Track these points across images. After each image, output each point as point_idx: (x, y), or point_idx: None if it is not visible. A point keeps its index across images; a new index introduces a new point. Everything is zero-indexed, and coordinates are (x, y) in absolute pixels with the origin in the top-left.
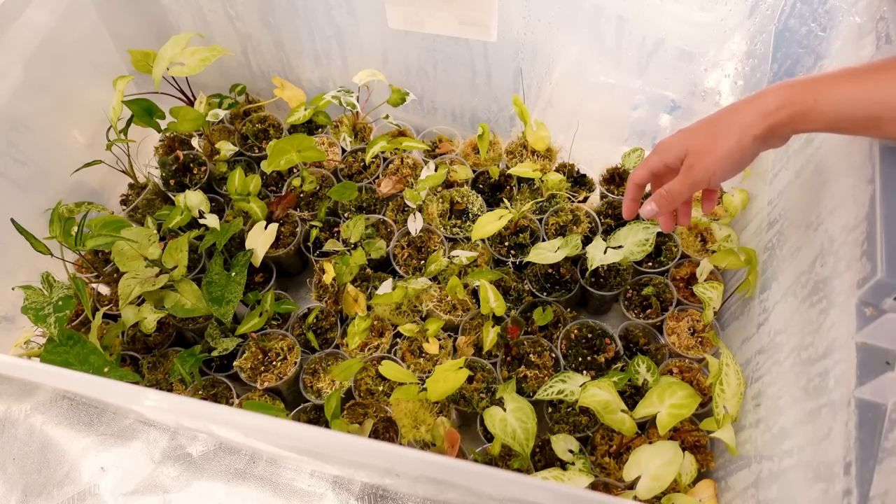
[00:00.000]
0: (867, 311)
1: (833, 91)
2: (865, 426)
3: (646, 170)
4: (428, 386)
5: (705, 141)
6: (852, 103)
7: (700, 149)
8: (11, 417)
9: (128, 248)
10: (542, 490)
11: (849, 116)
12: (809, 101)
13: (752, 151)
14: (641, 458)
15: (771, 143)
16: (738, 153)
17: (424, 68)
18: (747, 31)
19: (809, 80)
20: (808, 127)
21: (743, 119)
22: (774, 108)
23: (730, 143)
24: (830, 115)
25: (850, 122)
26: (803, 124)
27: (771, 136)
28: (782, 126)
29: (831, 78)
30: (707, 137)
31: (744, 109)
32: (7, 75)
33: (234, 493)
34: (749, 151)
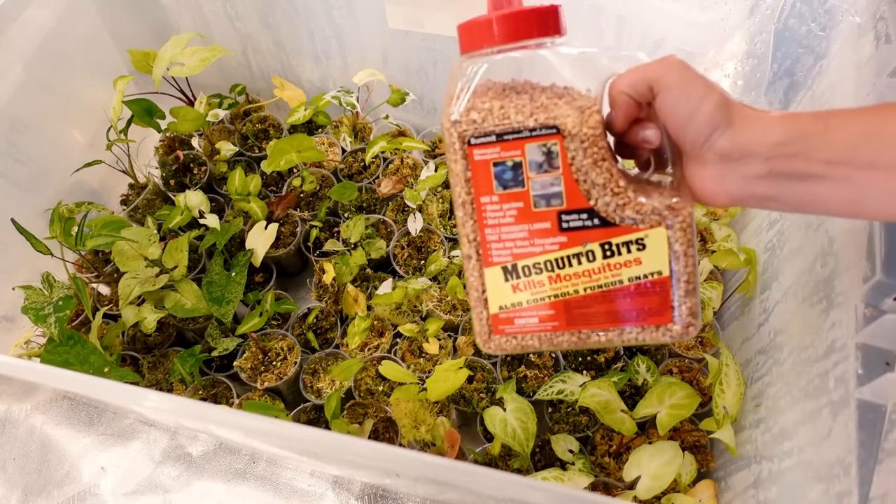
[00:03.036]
0: (867, 312)
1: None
2: (865, 427)
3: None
4: (428, 386)
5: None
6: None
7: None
8: (12, 417)
9: (128, 248)
10: (541, 491)
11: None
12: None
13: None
14: (641, 458)
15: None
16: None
17: (424, 68)
18: (747, 31)
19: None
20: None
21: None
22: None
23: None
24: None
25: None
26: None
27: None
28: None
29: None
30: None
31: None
32: (7, 75)
33: (234, 493)
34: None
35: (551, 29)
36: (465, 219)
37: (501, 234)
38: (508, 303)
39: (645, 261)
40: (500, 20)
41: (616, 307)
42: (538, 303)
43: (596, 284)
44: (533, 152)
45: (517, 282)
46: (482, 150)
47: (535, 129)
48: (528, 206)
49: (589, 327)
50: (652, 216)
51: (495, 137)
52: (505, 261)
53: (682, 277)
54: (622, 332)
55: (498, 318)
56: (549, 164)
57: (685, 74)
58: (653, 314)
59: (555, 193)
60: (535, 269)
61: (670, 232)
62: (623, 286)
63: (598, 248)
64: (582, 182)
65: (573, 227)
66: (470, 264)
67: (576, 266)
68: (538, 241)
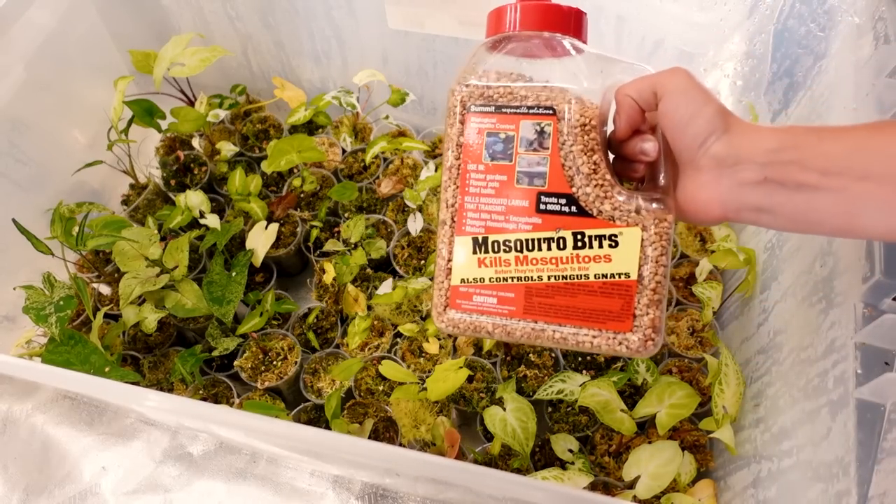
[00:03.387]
0: (866, 312)
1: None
2: (864, 426)
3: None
4: (428, 385)
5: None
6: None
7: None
8: (13, 417)
9: (129, 248)
10: (541, 490)
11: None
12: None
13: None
14: (641, 457)
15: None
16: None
17: (424, 68)
18: (746, 32)
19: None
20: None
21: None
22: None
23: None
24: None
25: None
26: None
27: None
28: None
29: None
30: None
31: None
32: (8, 75)
33: (234, 493)
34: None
35: (573, 30)
36: (449, 183)
37: (480, 204)
38: (471, 276)
39: (615, 259)
40: (527, 9)
41: (577, 303)
42: (500, 282)
43: (561, 274)
44: (527, 129)
45: (484, 256)
46: (479, 118)
47: (533, 107)
48: (511, 180)
49: (545, 319)
50: (630, 215)
51: (494, 108)
52: (477, 232)
53: (650, 285)
54: (578, 332)
55: (457, 291)
56: (539, 143)
57: (690, 82)
58: (612, 318)
59: (539, 173)
60: (505, 247)
61: (646, 234)
62: (587, 282)
63: (570, 237)
64: (567, 167)
65: (550, 211)
66: (443, 230)
67: (545, 251)
68: (513, 217)
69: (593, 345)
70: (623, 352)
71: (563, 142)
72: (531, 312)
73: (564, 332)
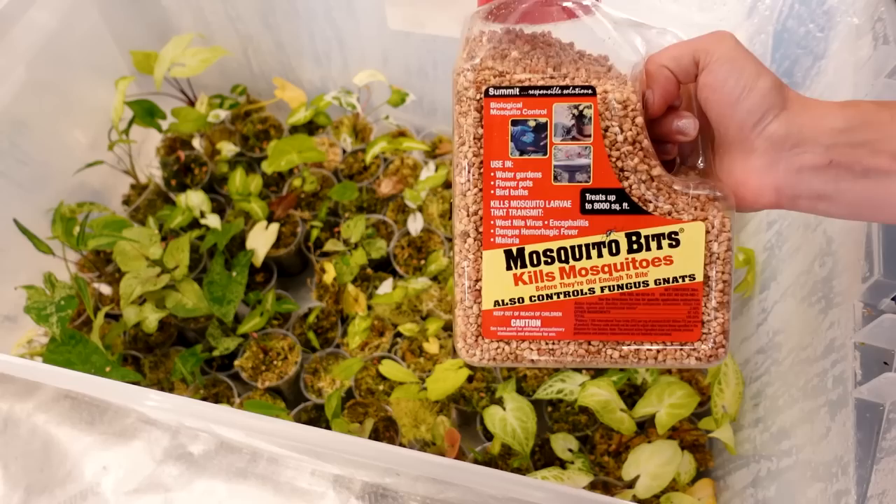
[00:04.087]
0: (865, 312)
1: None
2: (863, 426)
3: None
4: (428, 385)
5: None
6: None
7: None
8: (14, 416)
9: (129, 248)
10: (541, 490)
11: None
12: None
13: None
14: (640, 457)
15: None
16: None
17: (425, 69)
18: (746, 32)
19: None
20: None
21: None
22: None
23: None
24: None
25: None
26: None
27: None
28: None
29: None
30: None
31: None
32: (9, 76)
33: (235, 492)
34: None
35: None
36: (468, 186)
37: (510, 209)
38: (507, 297)
39: (677, 260)
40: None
41: (636, 315)
42: (544, 301)
43: (616, 284)
44: (562, 114)
45: (522, 271)
46: (501, 103)
47: (567, 86)
48: (548, 177)
49: (601, 337)
50: (690, 208)
51: (518, 91)
52: (510, 243)
53: (718, 286)
54: (640, 348)
55: (491, 317)
56: (579, 130)
57: (739, 49)
58: (678, 328)
59: (581, 166)
60: (546, 258)
61: (710, 229)
62: (647, 289)
63: (623, 239)
64: (614, 158)
65: (598, 210)
66: (465, 245)
67: (595, 259)
68: (554, 222)
69: (658, 360)
70: (692, 364)
71: (607, 126)
72: (584, 332)
73: (624, 350)
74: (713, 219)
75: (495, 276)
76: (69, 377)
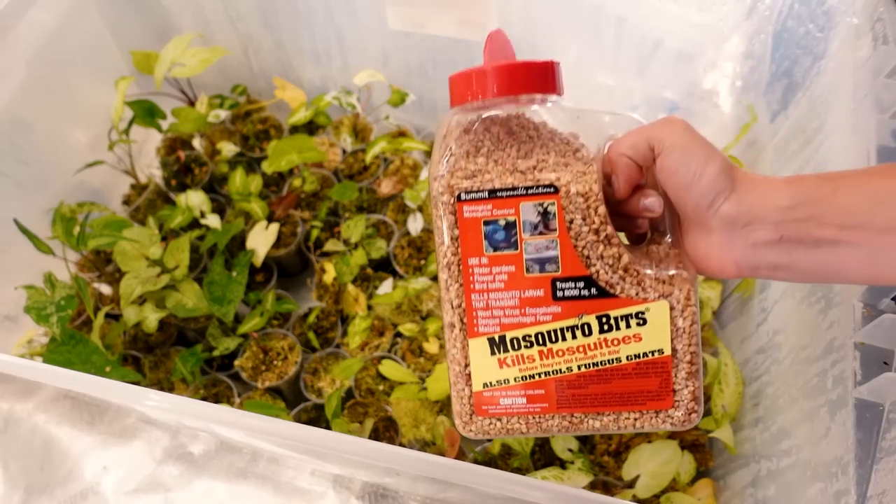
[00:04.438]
0: (865, 312)
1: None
2: (863, 426)
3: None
4: (428, 385)
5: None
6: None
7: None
8: (14, 416)
9: (129, 248)
10: (541, 490)
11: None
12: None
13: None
14: (640, 457)
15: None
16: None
17: (425, 69)
18: (745, 32)
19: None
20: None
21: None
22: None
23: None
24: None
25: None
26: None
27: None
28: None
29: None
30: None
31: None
32: (10, 76)
33: (235, 492)
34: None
35: (549, 86)
36: (450, 282)
37: (489, 301)
38: (494, 379)
39: (645, 337)
40: (495, 72)
41: (613, 389)
42: (527, 381)
43: (591, 362)
44: (528, 212)
45: (505, 356)
46: (473, 206)
47: (531, 186)
48: (521, 270)
49: (582, 410)
50: (654, 288)
51: (487, 194)
52: (492, 331)
53: (685, 358)
54: (618, 417)
55: (481, 397)
56: (545, 225)
57: (688, 134)
58: (652, 398)
59: (550, 258)
60: (526, 342)
61: (674, 306)
62: (620, 365)
63: (594, 321)
64: (580, 247)
65: (568, 297)
66: (452, 334)
67: (570, 340)
68: (530, 310)
69: (636, 426)
70: (668, 428)
71: (571, 219)
72: (565, 406)
73: (605, 420)
74: (678, 295)
75: (481, 361)
76: (69, 377)
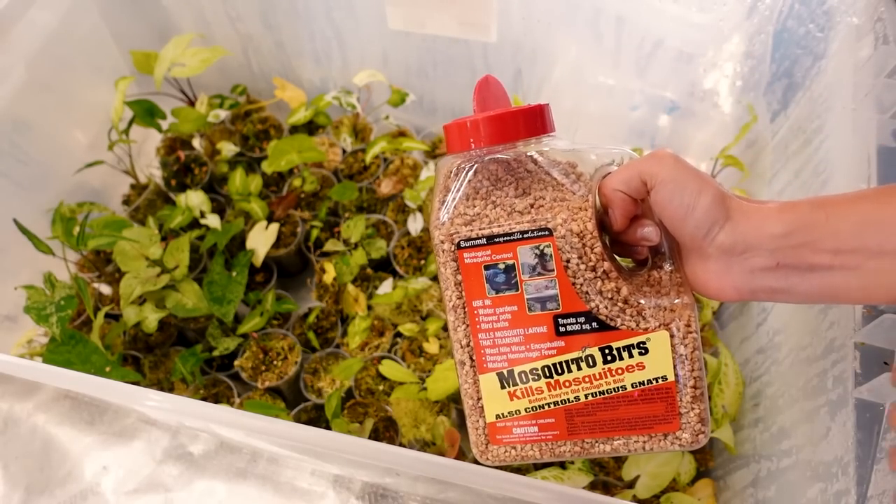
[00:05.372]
0: (865, 312)
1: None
2: (863, 426)
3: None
4: (428, 385)
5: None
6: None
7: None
8: (14, 416)
9: (129, 248)
10: (541, 490)
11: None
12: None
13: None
14: (640, 457)
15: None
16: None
17: (424, 69)
18: (745, 32)
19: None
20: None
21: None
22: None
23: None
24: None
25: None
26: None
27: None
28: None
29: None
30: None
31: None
32: (10, 76)
33: (235, 492)
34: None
35: (539, 129)
36: (458, 323)
37: (496, 339)
38: (505, 411)
39: (648, 365)
40: (487, 122)
41: (620, 415)
42: (537, 411)
43: (598, 391)
44: (525, 255)
45: (514, 388)
46: (472, 252)
47: (526, 231)
48: (523, 309)
49: (592, 436)
50: (655, 317)
51: (486, 240)
52: (500, 367)
53: (689, 382)
54: (628, 441)
55: (495, 427)
56: (542, 266)
57: (678, 167)
58: (659, 422)
59: (550, 297)
60: (533, 375)
61: (674, 334)
62: (626, 392)
63: (597, 353)
64: (578, 285)
65: (571, 332)
66: (464, 370)
67: (575, 371)
68: (534, 345)
69: (645, 449)
70: (677, 449)
71: (567, 259)
72: (576, 433)
73: (615, 444)
74: (678, 323)
75: (493, 394)
76: (69, 377)
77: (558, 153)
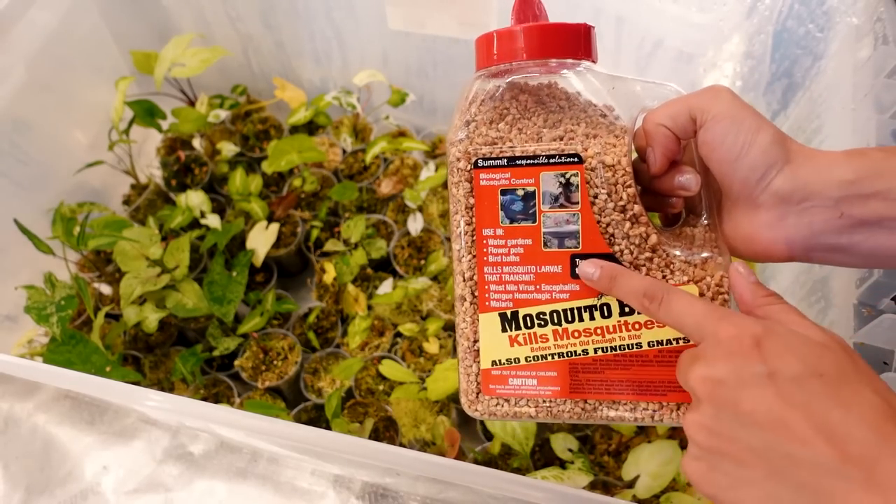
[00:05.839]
0: (864, 312)
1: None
2: None
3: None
4: (428, 385)
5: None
6: None
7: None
8: (14, 416)
9: (129, 248)
10: (541, 490)
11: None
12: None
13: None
14: (640, 457)
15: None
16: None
17: (425, 69)
18: (745, 32)
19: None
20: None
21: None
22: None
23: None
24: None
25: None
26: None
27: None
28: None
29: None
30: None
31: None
32: (10, 76)
33: (235, 492)
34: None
35: (583, 51)
36: (463, 252)
37: (503, 275)
38: (504, 358)
39: None
40: (525, 34)
41: (631, 376)
42: (539, 361)
43: (609, 346)
44: (549, 182)
45: (516, 333)
46: (490, 174)
47: (554, 155)
48: (538, 244)
49: (597, 397)
50: (683, 271)
51: (506, 161)
52: (504, 307)
53: None
54: (636, 407)
55: (490, 375)
56: (566, 197)
57: (735, 103)
58: (674, 389)
59: (570, 232)
60: (539, 321)
61: (703, 292)
62: (641, 350)
63: (615, 303)
64: (604, 224)
65: None
66: (463, 307)
67: (587, 321)
68: (545, 286)
69: (654, 419)
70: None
71: (595, 194)
72: (579, 391)
73: (620, 409)
74: (709, 281)
75: (492, 337)
76: (69, 377)
77: (599, 80)
